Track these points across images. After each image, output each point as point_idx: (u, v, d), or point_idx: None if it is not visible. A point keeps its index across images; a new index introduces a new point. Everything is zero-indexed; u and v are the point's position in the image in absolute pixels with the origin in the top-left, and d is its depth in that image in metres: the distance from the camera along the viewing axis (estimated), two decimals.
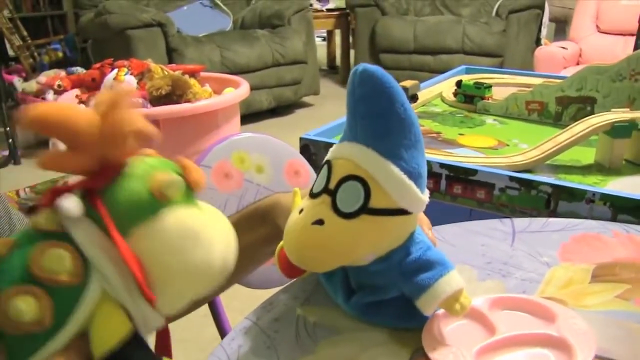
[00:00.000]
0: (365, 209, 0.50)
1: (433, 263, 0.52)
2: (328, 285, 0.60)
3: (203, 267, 0.42)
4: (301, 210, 0.52)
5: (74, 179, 0.42)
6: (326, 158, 0.54)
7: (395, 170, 0.49)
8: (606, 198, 0.93)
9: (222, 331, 1.09)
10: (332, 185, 0.51)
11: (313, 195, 0.53)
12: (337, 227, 0.50)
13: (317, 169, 1.10)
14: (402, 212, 0.51)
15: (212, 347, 0.58)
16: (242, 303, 0.64)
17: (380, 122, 0.49)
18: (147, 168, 0.42)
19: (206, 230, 0.42)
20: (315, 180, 0.54)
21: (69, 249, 0.39)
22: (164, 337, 0.50)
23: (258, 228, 0.69)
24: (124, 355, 0.40)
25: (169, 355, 0.50)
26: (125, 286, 0.40)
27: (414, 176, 0.50)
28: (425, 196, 0.52)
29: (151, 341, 0.51)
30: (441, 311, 0.56)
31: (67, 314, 0.39)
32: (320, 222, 0.50)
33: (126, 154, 0.42)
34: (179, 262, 0.41)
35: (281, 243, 0.57)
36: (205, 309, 1.02)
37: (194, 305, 0.76)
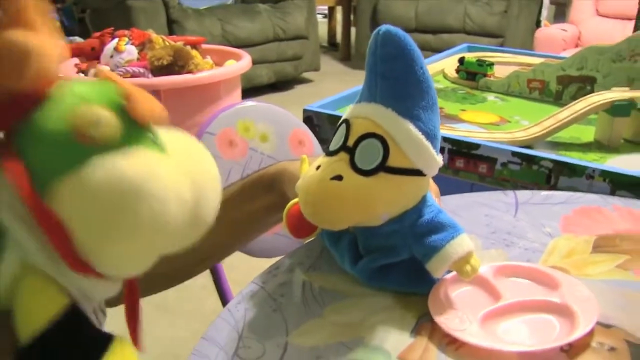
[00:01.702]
0: (383, 167, 0.51)
1: (445, 225, 0.53)
2: (334, 250, 0.61)
3: (153, 226, 0.33)
4: (318, 167, 0.53)
5: None
6: (343, 117, 0.55)
7: (414, 130, 0.50)
8: (606, 174, 0.94)
9: (225, 302, 1.08)
10: (350, 143, 0.52)
11: (330, 153, 0.53)
12: (356, 183, 0.51)
13: (320, 140, 1.10)
14: (418, 172, 0.52)
15: (214, 318, 0.56)
16: (242, 275, 0.64)
17: (400, 83, 0.50)
18: (73, 100, 0.32)
19: (153, 180, 0.33)
20: (332, 140, 0.55)
21: None
22: (131, 300, 0.41)
23: (262, 196, 0.69)
24: (59, 335, 0.33)
25: (135, 320, 0.41)
26: (48, 255, 0.32)
27: (430, 137, 0.51)
28: (440, 158, 0.53)
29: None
30: (447, 276, 0.57)
31: None
32: (339, 177, 0.51)
33: (40, 82, 0.32)
34: (116, 222, 0.32)
35: (291, 202, 0.58)
36: (204, 280, 1.02)
37: (186, 276, 0.74)
